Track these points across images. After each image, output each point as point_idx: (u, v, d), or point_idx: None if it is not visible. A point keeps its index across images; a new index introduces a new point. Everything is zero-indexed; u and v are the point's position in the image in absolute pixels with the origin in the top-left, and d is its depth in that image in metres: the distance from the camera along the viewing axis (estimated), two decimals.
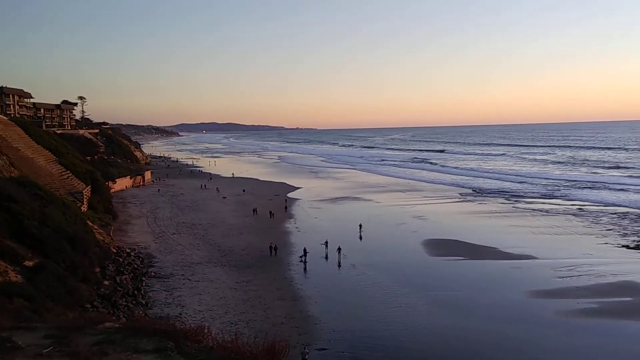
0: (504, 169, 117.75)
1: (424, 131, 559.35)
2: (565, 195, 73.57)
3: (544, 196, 73.86)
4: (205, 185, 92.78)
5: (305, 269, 39.60)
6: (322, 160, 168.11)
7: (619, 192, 74.88)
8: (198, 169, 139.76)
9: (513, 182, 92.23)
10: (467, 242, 46.52)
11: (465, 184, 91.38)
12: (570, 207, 64.30)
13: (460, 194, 79.47)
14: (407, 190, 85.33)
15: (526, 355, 23.66)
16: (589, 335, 26.12)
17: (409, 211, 64.25)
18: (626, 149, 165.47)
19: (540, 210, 62.22)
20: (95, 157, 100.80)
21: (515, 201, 70.07)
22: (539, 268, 37.93)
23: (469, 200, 72.42)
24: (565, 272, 36.41)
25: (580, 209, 62.61)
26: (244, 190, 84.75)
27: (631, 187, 79.36)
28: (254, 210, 63.98)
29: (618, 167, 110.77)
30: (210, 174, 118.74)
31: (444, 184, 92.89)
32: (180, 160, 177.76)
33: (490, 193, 78.72)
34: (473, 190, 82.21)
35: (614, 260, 39.33)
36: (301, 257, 41.48)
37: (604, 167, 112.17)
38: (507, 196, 74.81)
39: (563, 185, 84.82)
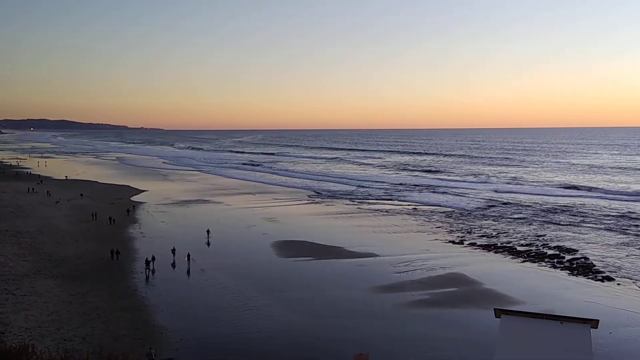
0: (348, 172, 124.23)
1: (276, 134, 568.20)
2: (402, 197, 79.87)
3: (384, 198, 79.39)
4: (33, 189, 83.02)
5: (147, 277, 37.04)
6: (164, 162, 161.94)
7: (443, 194, 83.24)
8: (25, 170, 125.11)
9: (350, 185, 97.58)
10: (315, 242, 48.07)
11: (314, 186, 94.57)
12: (406, 207, 69.99)
13: (309, 195, 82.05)
14: (257, 193, 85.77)
15: (365, 345, 24.94)
16: (422, 324, 28.52)
17: (260, 213, 64.58)
18: (451, 155, 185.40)
19: (381, 211, 66.80)
20: None
21: (360, 202, 74.36)
22: (380, 265, 40.58)
23: (317, 202, 75.08)
24: (403, 268, 39.45)
25: (414, 209, 68.49)
26: (82, 195, 77.61)
27: (452, 189, 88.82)
28: (93, 215, 58.97)
29: (439, 172, 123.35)
30: (40, 176, 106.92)
31: (293, 186, 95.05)
32: (3, 160, 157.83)
33: (336, 195, 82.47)
34: (316, 193, 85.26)
35: (443, 254, 43.58)
36: (148, 263, 39.02)
37: (431, 171, 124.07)
38: (351, 198, 79.10)
39: (400, 188, 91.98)
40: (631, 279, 36.09)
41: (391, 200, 76.99)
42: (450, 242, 48.74)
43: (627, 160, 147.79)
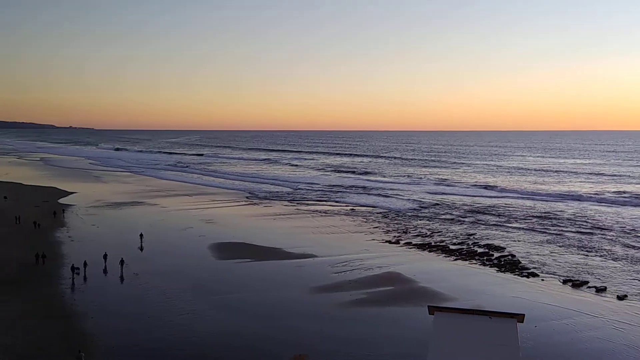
0: (285, 174, 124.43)
1: (213, 135, 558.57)
2: (339, 198, 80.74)
3: (322, 199, 79.94)
4: None
5: (74, 284, 35.15)
6: (92, 163, 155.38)
7: (380, 195, 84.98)
8: None
9: (287, 186, 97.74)
10: (254, 244, 47.68)
11: (251, 188, 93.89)
12: (344, 208, 70.85)
13: (247, 197, 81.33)
14: (193, 194, 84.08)
15: (304, 345, 25.04)
16: (360, 323, 28.94)
17: (197, 215, 63.33)
18: (387, 157, 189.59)
19: (319, 212, 67.25)
20: None
21: (298, 203, 74.52)
22: (318, 265, 40.83)
23: (255, 204, 74.55)
24: (341, 268, 39.89)
25: (352, 209, 69.47)
26: (5, 198, 72.88)
27: (387, 190, 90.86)
28: (16, 219, 55.68)
29: (375, 173, 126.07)
30: None
31: (230, 188, 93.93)
32: None
33: (274, 196, 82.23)
34: (253, 194, 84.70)
35: (380, 254, 44.44)
36: (77, 269, 37.15)
37: (367, 173, 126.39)
38: (289, 199, 79.12)
39: (337, 189, 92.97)
40: (554, 275, 38.25)
41: (329, 201, 77.67)
42: (386, 241, 49.78)
43: (550, 162, 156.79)
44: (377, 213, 66.60)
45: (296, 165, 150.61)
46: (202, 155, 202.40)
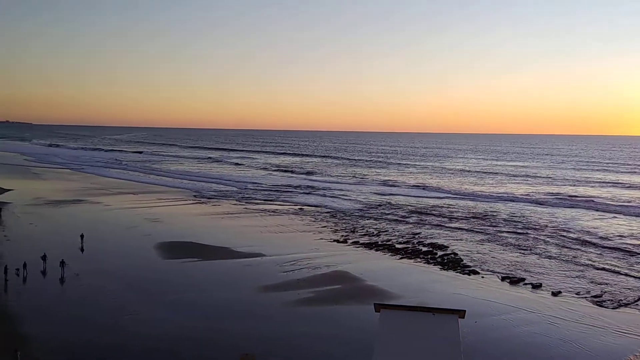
0: (231, 173, 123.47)
1: (162, 132, 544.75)
2: (288, 197, 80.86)
3: (270, 198, 79.79)
4: None
5: (6, 285, 33.59)
6: (27, 160, 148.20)
7: (327, 195, 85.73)
8: None
9: (234, 185, 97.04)
10: (201, 243, 47.06)
11: (198, 187, 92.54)
12: (292, 207, 71.00)
13: (194, 195, 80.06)
14: (139, 192, 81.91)
15: (251, 345, 24.95)
16: (308, 322, 29.17)
17: (142, 214, 61.78)
18: (335, 157, 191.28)
19: (268, 211, 67.10)
20: None
21: (246, 202, 74.04)
22: (267, 264, 40.79)
23: (203, 202, 73.50)
24: (289, 267, 40.02)
25: (301, 209, 69.73)
26: None
27: (336, 190, 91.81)
28: None
29: (323, 173, 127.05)
30: None
31: (177, 186, 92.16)
32: None
33: (222, 195, 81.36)
34: (200, 193, 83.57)
35: (328, 253, 44.88)
36: (16, 270, 35.42)
37: (315, 173, 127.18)
38: (237, 198, 78.47)
39: (286, 189, 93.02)
40: (493, 272, 39.85)
41: (277, 201, 77.59)
42: (335, 241, 50.31)
43: (491, 165, 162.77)
44: (325, 213, 67.15)
45: (242, 165, 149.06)
46: (141, 152, 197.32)
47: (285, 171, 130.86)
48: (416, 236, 52.94)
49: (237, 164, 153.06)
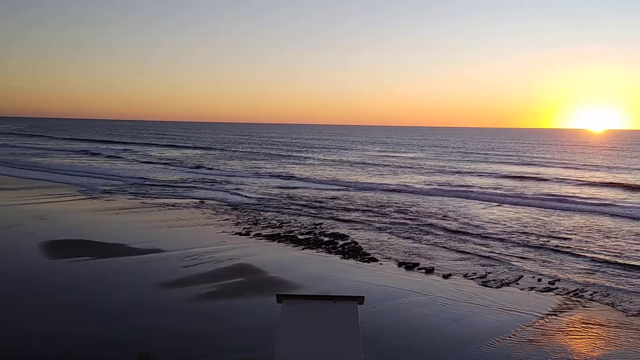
0: (116, 167, 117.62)
1: (47, 123, 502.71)
2: (187, 191, 78.70)
3: (168, 192, 77.14)
4: None
5: None
6: None
7: (227, 188, 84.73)
8: None
9: (124, 180, 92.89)
10: (94, 240, 44.34)
11: (84, 182, 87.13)
12: (193, 201, 69.15)
13: (83, 190, 75.15)
14: (20, 188, 75.30)
15: (150, 344, 24.15)
16: (209, 317, 28.64)
17: (25, 211, 56.85)
18: (236, 150, 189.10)
19: (167, 205, 64.80)
20: None
21: (142, 196, 70.95)
22: (166, 260, 39.45)
23: (95, 197, 69.25)
24: (190, 262, 39.04)
25: (201, 202, 68.14)
26: None
27: (237, 183, 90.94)
28: None
29: (221, 166, 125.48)
30: None
31: (63, 182, 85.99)
32: None
33: (114, 190, 77.27)
34: (87, 188, 78.89)
35: (230, 246, 44.36)
36: None
37: (213, 168, 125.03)
38: (132, 192, 74.94)
39: (184, 182, 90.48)
40: (390, 259, 41.74)
41: (176, 194, 75.22)
42: (237, 233, 49.84)
43: (387, 156, 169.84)
44: (226, 205, 66.23)
45: (125, 158, 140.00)
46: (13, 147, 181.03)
47: (181, 165, 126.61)
48: (318, 227, 53.94)
49: (118, 157, 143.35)
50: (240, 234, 50.54)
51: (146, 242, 44.62)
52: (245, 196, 75.13)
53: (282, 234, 50.43)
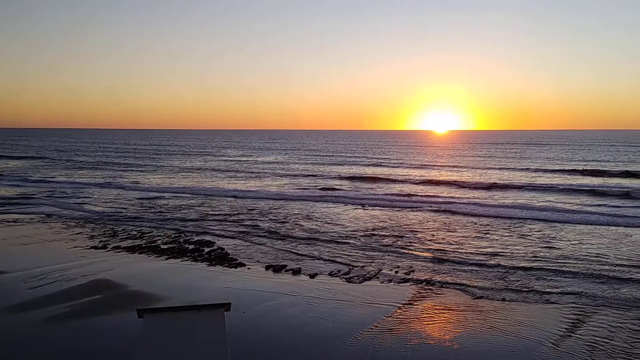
0: None
1: None
2: (30, 205, 71.23)
3: (2, 207, 69.07)
4: None
5: None
6: None
7: (76, 203, 78.49)
8: None
9: None
10: None
11: None
12: (37, 215, 62.68)
13: None
14: None
15: None
16: (63, 340, 26.15)
17: None
18: (59, 159, 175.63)
19: (6, 221, 57.90)
20: None
21: None
22: (9, 283, 35.16)
23: None
24: (37, 282, 35.30)
25: (48, 216, 62.08)
26: None
27: (88, 195, 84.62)
28: None
29: (73, 176, 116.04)
30: None
31: None
32: None
33: None
34: None
35: (85, 262, 40.98)
36: None
37: (42, 177, 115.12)
38: None
39: (21, 195, 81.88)
40: (258, 263, 41.81)
41: (15, 209, 67.59)
42: (92, 247, 46.21)
43: (248, 161, 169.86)
44: (79, 218, 61.12)
45: None
46: None
47: (21, 176, 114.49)
48: (182, 235, 52.14)
49: None
50: (96, 247, 46.94)
51: None
52: (99, 206, 70.17)
53: (143, 245, 47.84)
